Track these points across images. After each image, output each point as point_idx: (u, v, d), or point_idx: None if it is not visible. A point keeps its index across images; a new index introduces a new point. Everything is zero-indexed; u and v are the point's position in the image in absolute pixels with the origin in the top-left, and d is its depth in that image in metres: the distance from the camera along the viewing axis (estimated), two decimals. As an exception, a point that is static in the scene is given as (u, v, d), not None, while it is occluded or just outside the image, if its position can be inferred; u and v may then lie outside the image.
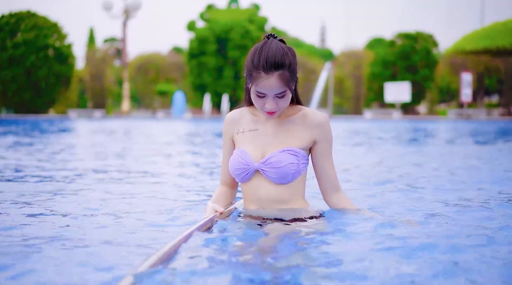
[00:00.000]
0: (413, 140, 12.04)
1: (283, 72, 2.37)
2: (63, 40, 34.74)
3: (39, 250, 2.24)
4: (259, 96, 2.41)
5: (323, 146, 2.57)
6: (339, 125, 19.93)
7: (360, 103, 39.30)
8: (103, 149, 9.03)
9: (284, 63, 2.36)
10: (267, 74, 2.36)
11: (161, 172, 5.58)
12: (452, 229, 2.53)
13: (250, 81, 2.42)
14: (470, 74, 31.89)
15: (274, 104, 2.40)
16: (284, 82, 2.37)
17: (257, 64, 2.37)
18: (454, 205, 3.33)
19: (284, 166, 2.46)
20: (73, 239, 2.44)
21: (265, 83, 2.36)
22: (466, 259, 2.03)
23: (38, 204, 3.40)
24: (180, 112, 33.18)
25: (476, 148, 9.49)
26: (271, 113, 2.44)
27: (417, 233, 2.38)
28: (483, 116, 31.38)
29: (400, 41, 37.02)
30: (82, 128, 18.38)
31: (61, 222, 2.86)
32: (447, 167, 5.79)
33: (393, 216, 2.80)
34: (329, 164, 2.60)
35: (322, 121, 2.54)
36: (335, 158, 2.73)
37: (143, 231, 2.64)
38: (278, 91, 2.38)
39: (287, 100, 2.43)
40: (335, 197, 2.64)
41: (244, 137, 2.59)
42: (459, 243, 2.22)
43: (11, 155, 7.34)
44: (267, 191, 2.53)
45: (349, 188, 4.02)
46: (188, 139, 12.48)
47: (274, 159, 2.47)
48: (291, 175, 2.49)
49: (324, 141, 2.56)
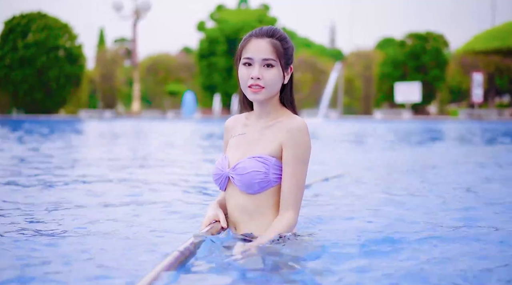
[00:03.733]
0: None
1: (275, 41, 2.26)
2: (73, 40, 34.93)
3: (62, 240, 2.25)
4: (245, 65, 2.27)
5: (288, 153, 2.25)
6: (352, 125, 19.85)
7: (370, 104, 39.19)
8: (131, 153, 9.05)
9: (276, 33, 2.28)
10: (257, 38, 2.27)
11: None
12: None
13: (239, 57, 2.30)
14: (481, 74, 31.72)
15: (259, 73, 2.23)
16: (273, 49, 2.24)
17: (249, 34, 2.32)
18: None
19: (247, 174, 2.26)
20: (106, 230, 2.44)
21: (253, 45, 2.26)
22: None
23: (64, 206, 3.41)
24: (190, 112, 33.21)
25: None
26: (256, 89, 2.25)
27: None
28: (494, 116, 31.18)
29: (410, 41, 36.89)
30: (111, 128, 18.43)
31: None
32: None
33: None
34: (288, 175, 2.25)
35: (293, 126, 2.26)
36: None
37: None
38: (265, 55, 2.24)
39: (273, 75, 2.25)
40: (278, 216, 2.27)
41: (232, 142, 2.45)
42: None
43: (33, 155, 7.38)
44: (235, 200, 2.35)
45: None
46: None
47: (240, 165, 2.29)
48: (257, 184, 2.26)
49: (290, 147, 2.25)
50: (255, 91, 2.26)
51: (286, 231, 2.22)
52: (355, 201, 3.68)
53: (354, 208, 3.35)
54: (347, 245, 2.34)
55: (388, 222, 2.86)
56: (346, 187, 4.37)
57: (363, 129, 17.85)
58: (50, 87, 33.61)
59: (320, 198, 3.79)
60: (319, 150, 8.64)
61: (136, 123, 23.08)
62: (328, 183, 4.59)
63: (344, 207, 3.41)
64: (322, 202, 3.62)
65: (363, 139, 12.32)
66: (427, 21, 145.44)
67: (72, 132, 14.85)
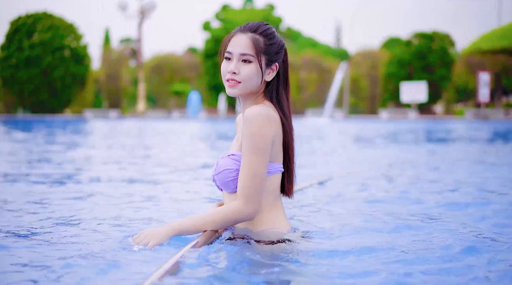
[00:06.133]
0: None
1: (257, 36, 2.25)
2: (79, 40, 34.99)
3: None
4: (226, 60, 2.28)
5: (243, 143, 2.22)
6: (356, 125, 19.81)
7: (376, 103, 39.08)
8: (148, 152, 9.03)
9: (260, 28, 2.27)
10: (241, 33, 2.27)
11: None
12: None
13: (223, 51, 2.31)
14: (487, 73, 31.53)
15: (235, 67, 2.23)
16: (253, 45, 2.24)
17: (236, 29, 2.31)
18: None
19: (220, 173, 2.29)
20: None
21: (234, 40, 2.27)
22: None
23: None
24: (195, 112, 33.20)
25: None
26: (232, 84, 2.25)
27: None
28: (500, 116, 31.01)
29: (416, 40, 36.76)
30: (118, 127, 18.45)
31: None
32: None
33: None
34: (242, 165, 2.21)
35: (246, 116, 2.21)
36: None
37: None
38: (243, 50, 2.23)
39: (250, 71, 2.24)
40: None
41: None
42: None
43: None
44: (224, 201, 2.38)
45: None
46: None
47: (217, 165, 2.33)
48: (231, 182, 2.27)
49: (244, 137, 2.21)
50: (231, 85, 2.26)
51: (228, 218, 2.20)
52: (356, 202, 3.62)
53: (354, 209, 3.30)
54: (342, 246, 2.30)
55: (385, 225, 2.80)
56: (348, 188, 4.31)
57: (369, 129, 17.80)
58: (56, 87, 33.69)
59: (319, 199, 3.74)
60: (324, 151, 8.58)
61: (142, 123, 23.08)
62: (330, 183, 4.54)
63: (340, 209, 3.36)
64: (320, 204, 3.57)
65: (372, 139, 12.27)
66: (433, 21, 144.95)
67: (81, 132, 14.85)
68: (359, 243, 2.37)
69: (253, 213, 2.20)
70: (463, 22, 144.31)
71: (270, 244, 2.21)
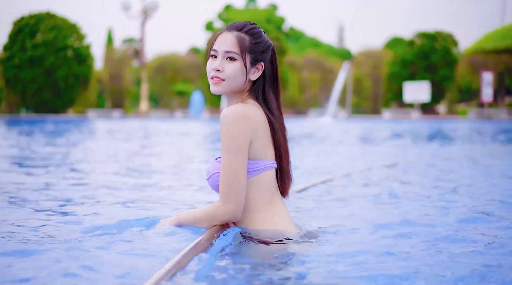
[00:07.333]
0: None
1: (242, 35, 2.26)
2: (82, 40, 35.02)
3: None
4: (212, 57, 2.28)
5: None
6: (359, 125, 19.78)
7: (379, 103, 39.03)
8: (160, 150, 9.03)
9: (246, 27, 2.28)
10: (226, 31, 2.28)
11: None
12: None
13: (209, 49, 2.31)
14: (490, 73, 31.47)
15: (220, 65, 2.23)
16: (237, 43, 2.24)
17: (224, 27, 2.32)
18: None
19: (210, 178, 2.30)
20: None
21: (220, 38, 2.27)
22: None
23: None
24: (198, 112, 33.21)
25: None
26: (216, 81, 2.24)
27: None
28: (504, 116, 30.94)
29: (419, 40, 36.68)
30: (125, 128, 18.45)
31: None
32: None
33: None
34: (221, 164, 2.23)
35: (221, 116, 2.23)
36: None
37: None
38: (228, 48, 2.23)
39: (234, 69, 2.23)
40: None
41: None
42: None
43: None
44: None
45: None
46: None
47: (208, 169, 2.34)
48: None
49: (221, 137, 2.22)
50: (215, 83, 2.26)
51: (211, 217, 2.24)
52: (359, 202, 3.61)
53: (356, 208, 3.28)
54: (351, 245, 2.28)
55: (387, 226, 2.79)
56: (350, 187, 4.30)
57: (372, 129, 17.78)
58: (59, 87, 33.73)
59: (323, 197, 3.72)
60: (325, 150, 8.57)
61: (146, 123, 23.09)
62: (332, 183, 4.53)
63: (348, 206, 3.34)
64: (328, 202, 3.55)
65: (372, 139, 12.24)
66: (435, 21, 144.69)
67: (85, 131, 14.86)
68: (360, 243, 2.35)
69: (233, 211, 2.20)
70: (465, 22, 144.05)
71: (269, 244, 2.19)
